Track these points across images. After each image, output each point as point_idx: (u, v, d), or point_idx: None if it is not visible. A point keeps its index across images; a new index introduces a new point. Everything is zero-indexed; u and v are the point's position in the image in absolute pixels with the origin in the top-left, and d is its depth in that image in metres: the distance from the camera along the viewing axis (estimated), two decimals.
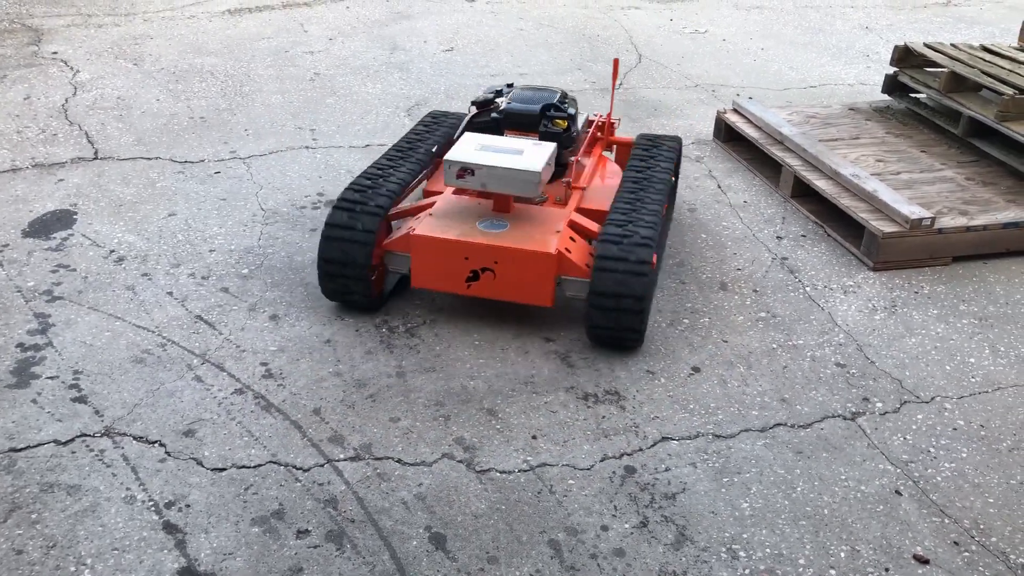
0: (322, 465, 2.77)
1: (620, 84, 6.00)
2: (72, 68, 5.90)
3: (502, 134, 3.68)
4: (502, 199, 3.50)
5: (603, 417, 3.03)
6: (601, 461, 2.84)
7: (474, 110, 3.79)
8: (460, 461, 2.81)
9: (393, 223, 3.63)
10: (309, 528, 2.55)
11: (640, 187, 3.60)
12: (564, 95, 3.83)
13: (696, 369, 3.28)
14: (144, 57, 6.15)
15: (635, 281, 3.13)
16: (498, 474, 2.77)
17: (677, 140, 4.15)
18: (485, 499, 2.67)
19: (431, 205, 3.57)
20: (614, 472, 2.79)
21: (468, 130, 3.69)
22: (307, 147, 4.92)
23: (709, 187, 4.66)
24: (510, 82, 4.06)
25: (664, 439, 2.94)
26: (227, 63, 6.10)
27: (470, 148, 3.41)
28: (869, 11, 8.16)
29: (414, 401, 3.06)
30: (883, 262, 3.95)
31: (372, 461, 2.80)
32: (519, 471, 2.78)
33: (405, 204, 3.67)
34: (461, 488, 2.71)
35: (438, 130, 4.11)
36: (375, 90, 5.75)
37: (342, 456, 2.81)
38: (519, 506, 2.65)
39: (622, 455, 2.86)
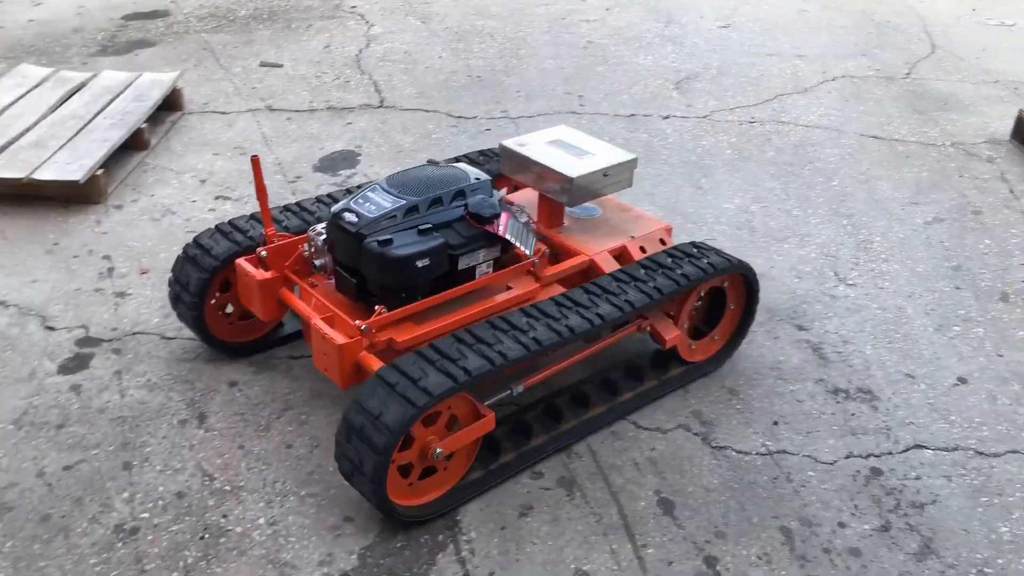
0: None
1: (908, 74, 5.61)
2: (367, 22, 6.34)
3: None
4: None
5: (852, 414, 2.88)
6: (845, 458, 2.71)
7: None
8: (696, 434, 2.79)
9: None
10: (543, 471, 2.64)
11: None
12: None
13: (962, 380, 3.04)
14: (432, 16, 6.49)
15: None
16: (734, 453, 2.72)
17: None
18: (718, 475, 2.64)
19: None
20: (858, 471, 2.66)
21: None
22: (573, 112, 5.01)
23: (999, 190, 4.27)
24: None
25: (918, 446, 2.75)
26: (507, 26, 6.30)
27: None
28: None
29: None
30: None
31: None
32: (756, 454, 2.72)
33: None
34: (695, 460, 2.69)
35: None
36: (646, 61, 5.73)
37: None
38: (753, 488, 2.59)
39: (869, 456, 2.72)
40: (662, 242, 3.07)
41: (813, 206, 4.10)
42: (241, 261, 2.81)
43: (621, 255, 2.98)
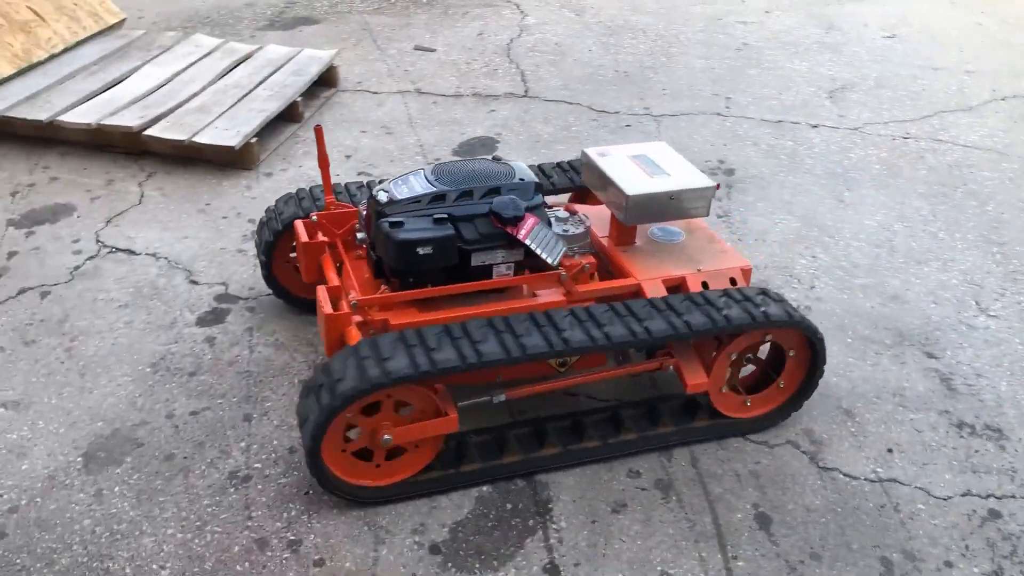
0: None
1: None
2: (522, 12, 6.42)
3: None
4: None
5: (976, 451, 2.73)
6: (962, 495, 2.57)
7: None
8: (804, 452, 2.71)
9: None
10: (641, 471, 2.63)
11: None
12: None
13: None
14: (586, 9, 6.51)
15: None
16: (841, 476, 2.63)
17: None
18: (822, 496, 2.56)
19: None
20: (974, 511, 2.52)
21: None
22: (719, 114, 4.92)
23: None
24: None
25: None
26: (660, 24, 6.25)
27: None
28: None
29: None
30: None
31: None
32: (865, 479, 2.62)
33: None
34: (799, 478, 2.62)
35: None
36: (800, 67, 5.56)
37: None
38: (857, 513, 2.50)
39: (989, 496, 2.57)
40: (732, 282, 2.79)
41: (962, 230, 3.89)
42: (298, 223, 2.93)
43: (678, 286, 2.77)
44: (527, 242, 2.56)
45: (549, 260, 2.58)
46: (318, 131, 2.81)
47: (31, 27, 4.84)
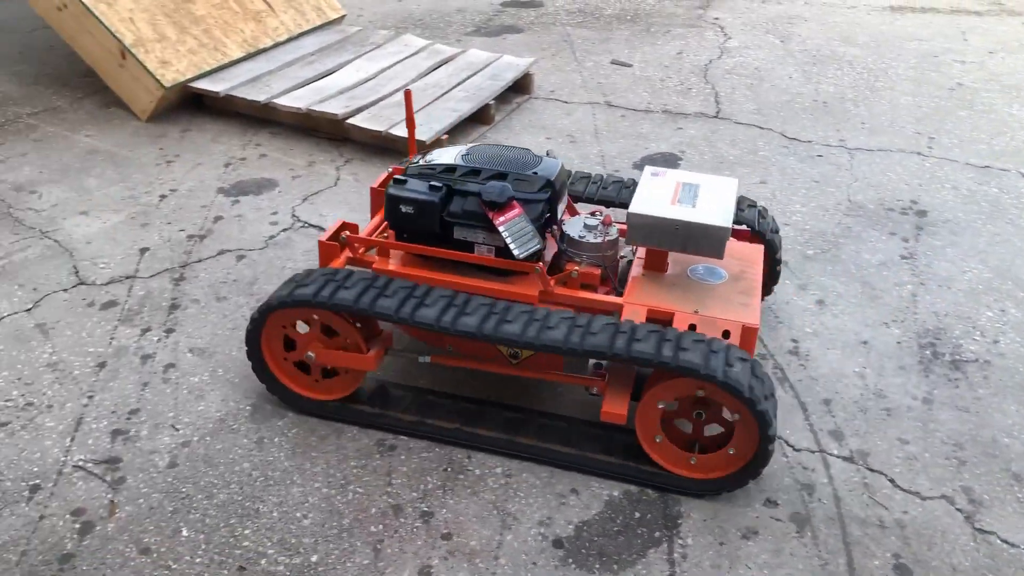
0: (813, 452, 2.74)
1: None
2: (726, 34, 6.36)
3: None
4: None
5: None
6: None
7: None
8: (959, 510, 2.56)
9: None
10: (779, 501, 2.57)
11: None
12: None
13: None
14: (792, 36, 6.36)
15: None
16: (999, 541, 2.46)
17: None
18: (972, 558, 2.40)
19: None
20: None
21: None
22: (919, 153, 4.69)
23: None
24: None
25: None
26: (869, 56, 6.01)
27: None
28: None
29: (931, 432, 2.83)
30: None
31: (864, 469, 2.68)
32: None
33: None
34: (949, 535, 2.47)
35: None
36: (1019, 112, 5.20)
37: (836, 452, 2.74)
38: None
39: None
40: (726, 335, 2.57)
41: None
42: (384, 173, 3.25)
43: (667, 321, 2.62)
44: (500, 228, 2.62)
45: (515, 252, 2.63)
46: (407, 95, 3.09)
47: (262, 17, 5.28)
